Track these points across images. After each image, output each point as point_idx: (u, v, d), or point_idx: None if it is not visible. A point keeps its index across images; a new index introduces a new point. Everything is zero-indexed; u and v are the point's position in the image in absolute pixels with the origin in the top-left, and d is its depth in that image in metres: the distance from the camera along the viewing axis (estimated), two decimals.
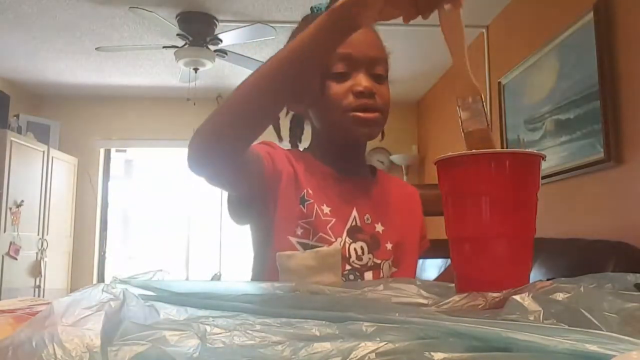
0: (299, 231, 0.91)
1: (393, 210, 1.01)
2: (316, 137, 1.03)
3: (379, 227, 0.97)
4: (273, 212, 0.92)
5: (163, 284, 0.55)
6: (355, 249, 0.93)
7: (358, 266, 0.92)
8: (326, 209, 0.93)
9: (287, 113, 1.05)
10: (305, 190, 0.94)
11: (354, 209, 0.96)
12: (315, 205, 0.93)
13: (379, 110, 0.94)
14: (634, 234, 1.96)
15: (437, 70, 4.37)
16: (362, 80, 0.92)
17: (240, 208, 0.96)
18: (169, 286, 0.55)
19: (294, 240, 0.91)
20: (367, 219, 0.97)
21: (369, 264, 0.93)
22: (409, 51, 3.89)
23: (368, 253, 0.94)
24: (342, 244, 0.92)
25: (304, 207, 0.92)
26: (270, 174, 0.91)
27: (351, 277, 0.91)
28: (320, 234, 0.91)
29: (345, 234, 0.93)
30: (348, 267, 0.92)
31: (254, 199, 0.93)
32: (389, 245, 0.97)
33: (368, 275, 0.93)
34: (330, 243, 0.91)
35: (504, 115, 3.15)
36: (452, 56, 0.69)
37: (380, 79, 0.95)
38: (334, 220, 0.93)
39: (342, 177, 0.99)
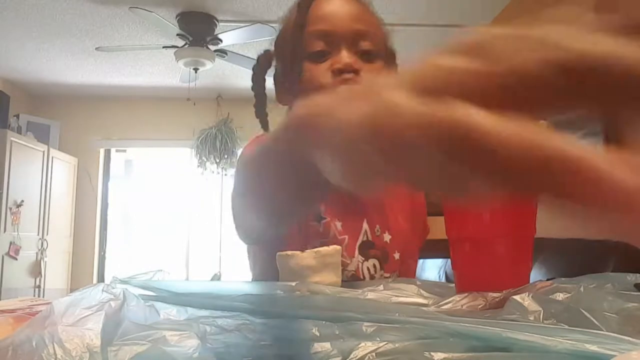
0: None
1: (397, 213, 0.95)
2: None
3: (387, 237, 0.91)
4: (291, 230, 0.83)
5: (163, 284, 0.55)
6: (368, 268, 0.85)
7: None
8: (338, 225, 0.85)
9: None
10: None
11: (364, 221, 0.88)
12: (332, 224, 0.84)
13: None
14: None
15: None
16: (342, 57, 0.80)
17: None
18: (169, 286, 0.55)
19: None
20: (377, 231, 0.89)
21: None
22: (408, 50, 3.89)
23: (380, 269, 0.86)
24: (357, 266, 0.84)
25: (319, 225, 0.84)
26: None
27: None
28: None
29: (357, 251, 0.85)
30: None
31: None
32: (396, 255, 0.91)
33: None
34: (345, 265, 0.83)
35: None
36: None
37: (369, 56, 0.82)
38: (346, 238, 0.85)
39: None
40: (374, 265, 0.85)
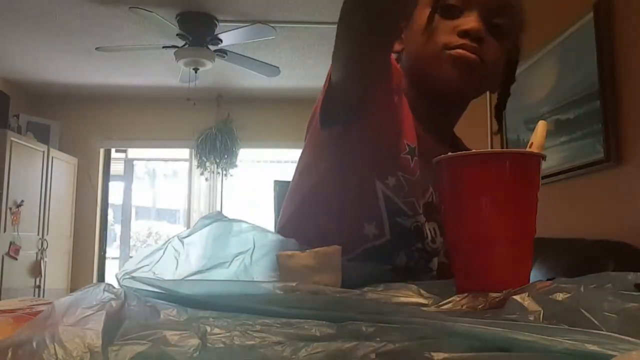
0: (392, 181, 0.75)
1: None
2: (407, 84, 0.83)
3: None
4: (374, 130, 0.75)
5: (165, 284, 0.55)
6: (429, 230, 0.79)
7: (430, 249, 0.79)
8: (418, 172, 0.78)
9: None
10: (414, 142, 0.77)
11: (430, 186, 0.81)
12: (418, 167, 0.77)
13: (483, 61, 0.76)
14: (634, 234, 1.96)
15: None
16: (470, 21, 0.76)
17: (346, 104, 0.75)
18: (170, 286, 0.55)
19: (379, 187, 0.75)
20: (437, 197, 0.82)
21: (438, 249, 0.80)
22: None
23: (439, 236, 0.80)
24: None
25: (411, 159, 0.76)
26: (390, 86, 0.75)
27: (418, 257, 0.77)
28: (411, 198, 0.76)
29: (421, 209, 0.78)
30: (419, 245, 0.77)
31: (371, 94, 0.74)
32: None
33: (434, 262, 0.80)
34: (415, 212, 0.76)
35: (504, 115, 3.15)
36: None
37: (499, 32, 0.79)
38: (421, 190, 0.78)
39: (429, 139, 0.82)
40: (434, 229, 0.81)
